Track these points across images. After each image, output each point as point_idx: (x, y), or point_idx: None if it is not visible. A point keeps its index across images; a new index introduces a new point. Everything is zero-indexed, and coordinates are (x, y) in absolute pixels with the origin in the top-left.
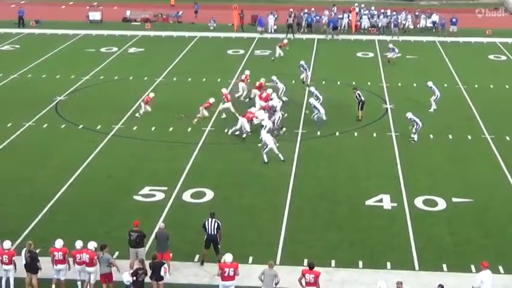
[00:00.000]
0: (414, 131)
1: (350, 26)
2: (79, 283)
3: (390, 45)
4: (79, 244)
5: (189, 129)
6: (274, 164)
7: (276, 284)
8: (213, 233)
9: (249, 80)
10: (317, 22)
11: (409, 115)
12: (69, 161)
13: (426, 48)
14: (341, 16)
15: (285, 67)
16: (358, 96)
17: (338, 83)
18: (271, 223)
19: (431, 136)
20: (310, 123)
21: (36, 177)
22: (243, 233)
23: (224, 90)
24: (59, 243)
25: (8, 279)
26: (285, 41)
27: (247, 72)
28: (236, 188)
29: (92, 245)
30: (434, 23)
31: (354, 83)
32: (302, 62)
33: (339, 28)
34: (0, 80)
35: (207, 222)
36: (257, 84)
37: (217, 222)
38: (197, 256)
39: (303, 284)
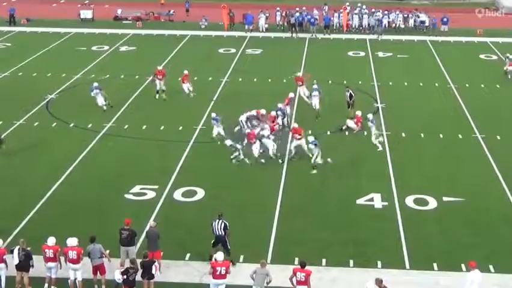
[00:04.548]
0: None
1: (341, 25)
2: (69, 281)
3: (509, 55)
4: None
5: (180, 128)
6: (265, 163)
7: (267, 283)
8: (220, 233)
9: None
10: (310, 22)
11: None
12: (60, 160)
13: (417, 48)
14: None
15: (276, 66)
16: (351, 96)
17: (329, 82)
18: (262, 222)
19: (422, 135)
20: (301, 122)
21: (27, 176)
22: (234, 232)
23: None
24: (51, 240)
25: None
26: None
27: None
28: (227, 186)
29: (75, 241)
30: (422, 22)
31: (345, 82)
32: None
33: (330, 27)
34: None
35: (214, 223)
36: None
37: (224, 223)
38: (188, 255)
39: (294, 282)
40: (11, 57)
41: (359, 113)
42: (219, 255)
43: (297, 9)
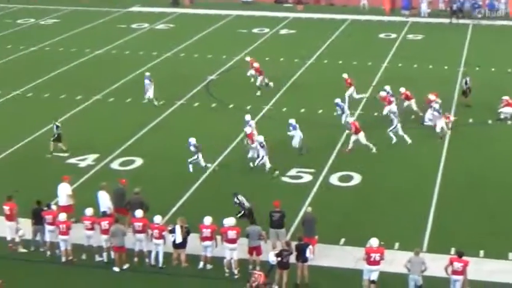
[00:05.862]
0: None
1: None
2: (225, 261)
3: None
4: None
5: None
6: (424, 149)
7: (422, 271)
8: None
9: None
10: (473, 7)
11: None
12: (225, 140)
13: None
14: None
15: (437, 53)
16: (466, 83)
17: (493, 69)
18: (419, 209)
19: None
20: (462, 109)
21: (186, 156)
22: (389, 218)
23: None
24: (207, 220)
25: (157, 253)
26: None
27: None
28: (384, 172)
29: (233, 221)
30: None
31: (510, 70)
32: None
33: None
34: (155, 59)
35: (239, 199)
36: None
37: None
38: (342, 240)
39: (449, 272)
40: (174, 38)
41: (506, 97)
42: (374, 241)
43: None
